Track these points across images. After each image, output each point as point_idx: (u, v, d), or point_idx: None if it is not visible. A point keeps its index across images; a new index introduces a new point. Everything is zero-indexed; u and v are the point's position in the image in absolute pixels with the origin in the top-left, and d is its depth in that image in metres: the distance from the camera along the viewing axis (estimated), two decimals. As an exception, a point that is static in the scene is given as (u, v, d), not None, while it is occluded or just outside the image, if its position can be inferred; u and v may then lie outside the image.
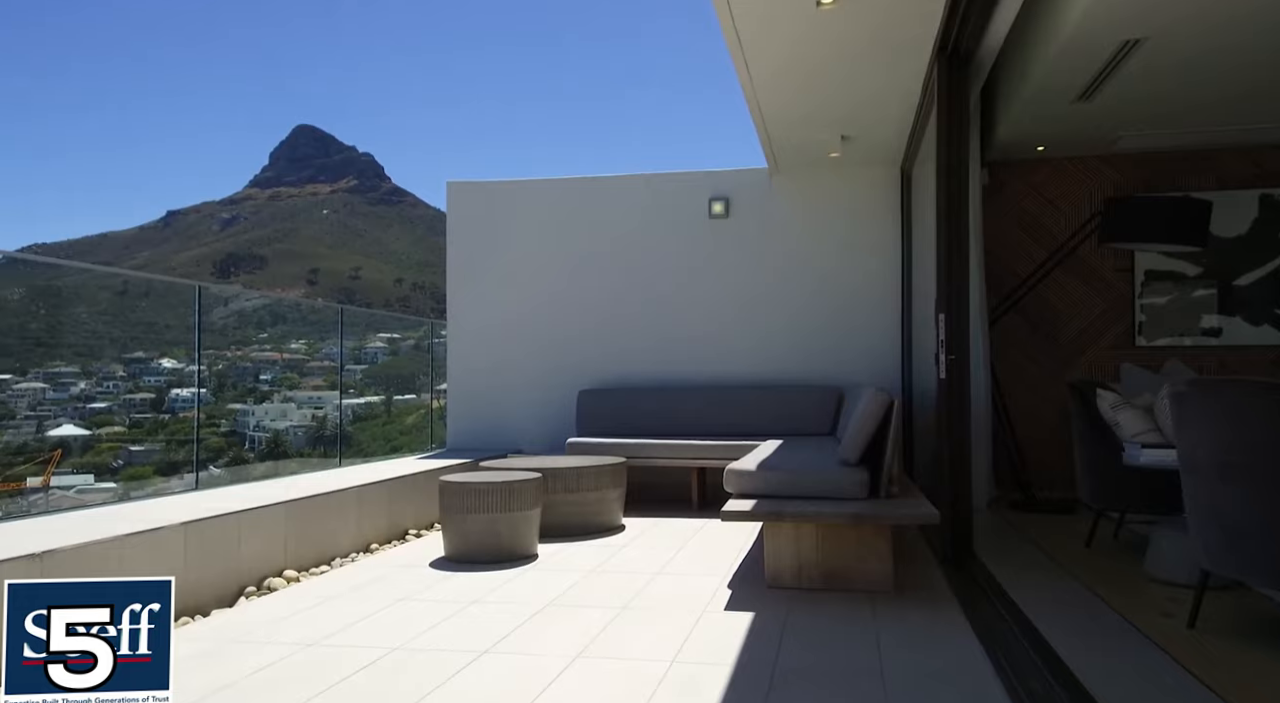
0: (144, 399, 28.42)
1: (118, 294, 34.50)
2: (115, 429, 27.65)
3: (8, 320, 27.41)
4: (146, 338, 33.05)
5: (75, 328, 33.00)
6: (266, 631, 3.24)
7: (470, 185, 7.48)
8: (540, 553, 4.67)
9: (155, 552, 3.37)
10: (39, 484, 20.90)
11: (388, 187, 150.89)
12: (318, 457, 17.83)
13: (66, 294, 31.07)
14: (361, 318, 23.92)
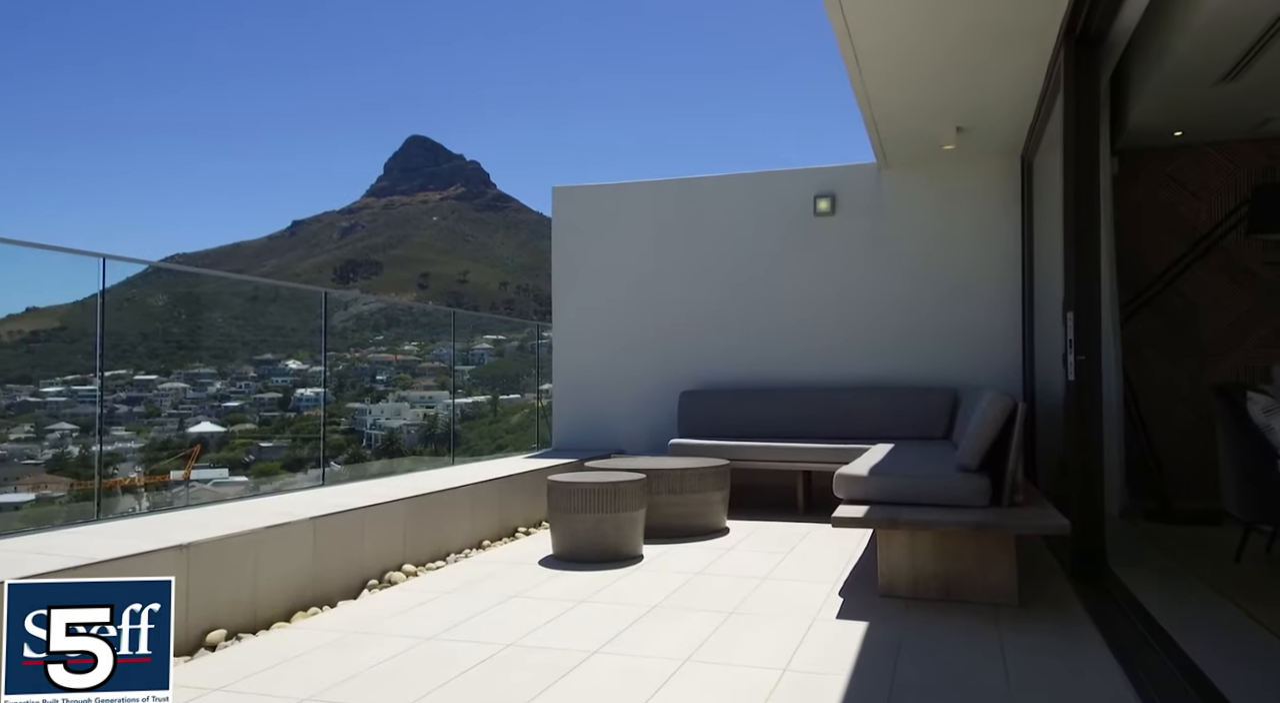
0: (272, 398, 30.33)
1: (249, 300, 36.88)
2: (246, 426, 29.61)
3: (154, 325, 29.72)
4: (274, 341, 35.18)
5: (211, 332, 35.45)
6: (388, 623, 3.38)
7: (574, 190, 7.60)
8: (645, 554, 4.69)
9: (286, 545, 3.57)
10: (181, 477, 22.62)
11: (493, 193, 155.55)
12: (429, 454, 18.50)
13: (204, 300, 33.36)
14: (469, 321, 24.73)
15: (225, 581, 3.23)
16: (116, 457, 20.21)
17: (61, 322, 23.26)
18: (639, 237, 7.32)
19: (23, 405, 21.92)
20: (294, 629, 3.34)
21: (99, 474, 4.18)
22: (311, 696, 2.57)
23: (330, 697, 2.56)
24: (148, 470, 22.01)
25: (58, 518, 13.26)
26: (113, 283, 9.01)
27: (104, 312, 3.88)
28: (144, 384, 26.49)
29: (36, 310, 21.99)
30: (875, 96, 4.92)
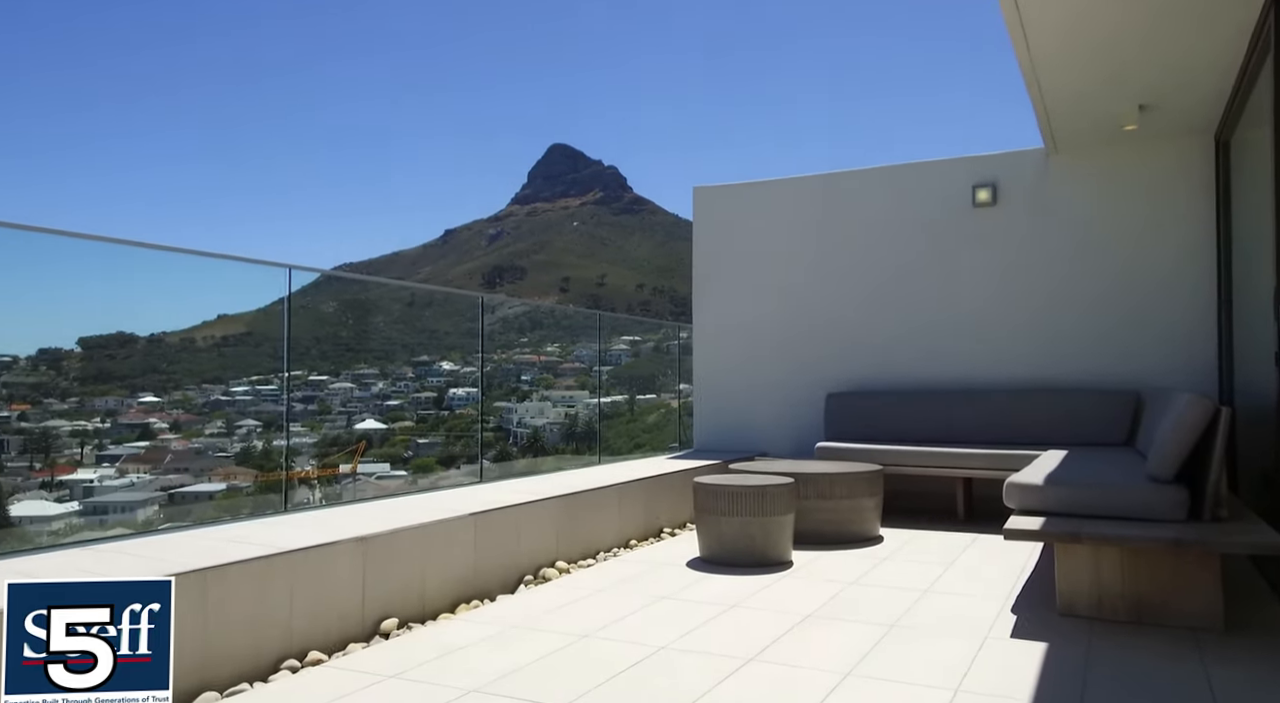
0: (427, 397, 32.15)
1: (407, 305, 39.24)
2: (405, 424, 31.55)
3: (325, 330, 32.14)
4: (430, 343, 37.22)
5: (375, 335, 37.94)
6: (544, 619, 3.45)
7: (715, 189, 7.55)
8: (795, 560, 4.57)
9: (451, 540, 3.73)
10: (349, 471, 24.37)
11: (630, 197, 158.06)
12: (570, 452, 18.95)
13: (368, 306, 35.79)
14: (606, 322, 25.26)
15: (397, 572, 3.41)
16: (293, 451, 21.92)
17: (248, 327, 25.64)
18: (783, 234, 7.17)
19: (215, 404, 24.22)
20: (458, 621, 3.49)
21: (285, 469, 4.51)
22: (475, 688, 2.65)
23: (493, 690, 2.64)
24: (320, 464, 23.82)
25: (244, 506, 14.50)
26: (293, 291, 9.68)
27: (290, 317, 4.20)
28: (316, 384, 28.74)
29: (226, 317, 24.33)
30: (1045, 73, 4.56)
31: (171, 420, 22.82)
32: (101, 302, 14.53)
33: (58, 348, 18.44)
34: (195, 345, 24.76)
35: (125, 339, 21.42)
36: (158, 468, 20.64)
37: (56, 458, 18.40)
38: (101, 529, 15.44)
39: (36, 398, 17.38)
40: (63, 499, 16.71)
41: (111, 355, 21.36)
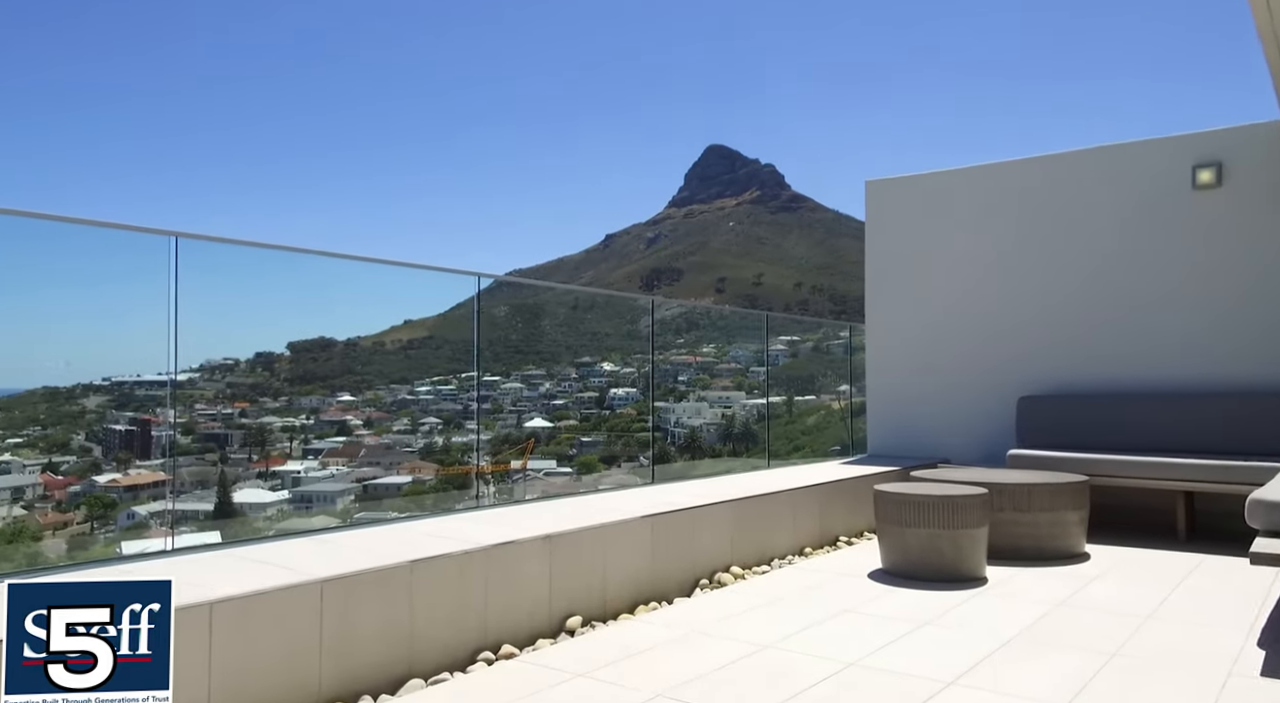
0: (590, 397, 33.15)
1: (571, 309, 40.64)
2: (570, 423, 32.72)
3: (498, 333, 33.86)
4: (591, 345, 38.36)
5: (541, 337, 39.60)
6: (723, 626, 3.40)
7: (889, 182, 7.21)
8: (990, 577, 4.25)
9: (628, 540, 3.76)
10: (519, 467, 25.54)
11: (787, 194, 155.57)
12: (728, 453, 18.82)
13: (535, 310, 37.37)
14: (764, 321, 24.96)
15: (580, 570, 3.48)
16: (470, 447, 23.15)
17: (430, 331, 27.50)
18: (966, 226, 6.73)
19: (402, 402, 26.14)
20: (638, 623, 3.51)
21: (477, 465, 4.73)
22: (660, 692, 2.64)
23: (677, 696, 2.62)
24: (493, 460, 25.13)
25: (429, 498, 15.37)
26: (465, 297, 10.09)
27: (479, 319, 4.41)
28: (490, 384, 30.42)
29: (411, 322, 26.27)
30: (1288, 35, 3.97)
31: (365, 418, 24.83)
32: (307, 309, 16.07)
33: (271, 352, 20.52)
34: (385, 349, 26.86)
35: (326, 343, 23.49)
36: (353, 461, 22.54)
37: (270, 451, 20.46)
38: (307, 516, 17.06)
39: (254, 396, 19.38)
40: (275, 488, 18.57)
41: (314, 358, 23.52)
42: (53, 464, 13.65)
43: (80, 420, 14.13)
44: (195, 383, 14.27)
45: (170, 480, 12.77)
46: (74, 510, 12.93)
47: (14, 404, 14.06)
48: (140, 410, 13.98)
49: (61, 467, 13.67)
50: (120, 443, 13.90)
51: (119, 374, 13.55)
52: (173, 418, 12.05)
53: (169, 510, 12.06)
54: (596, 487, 14.16)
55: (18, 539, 11.39)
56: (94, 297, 10.04)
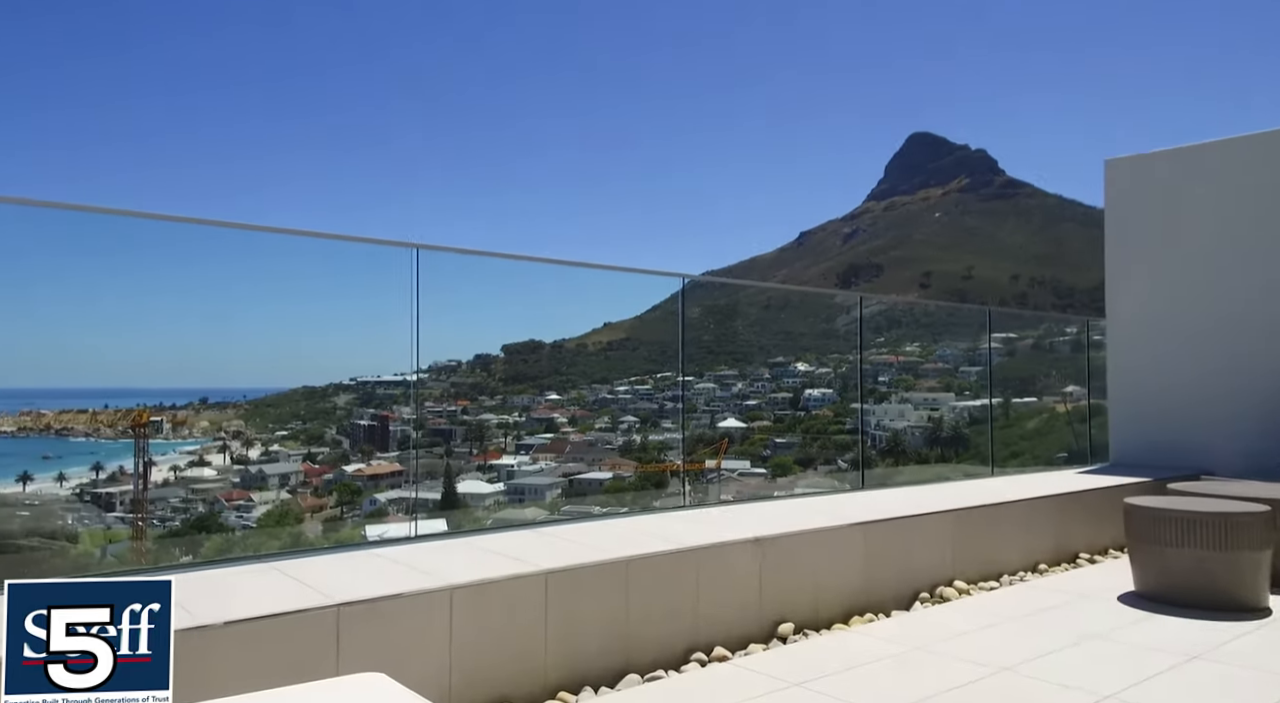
0: (784, 398, 32.61)
1: (763, 308, 40.26)
2: (763, 423, 32.40)
3: (691, 333, 34.31)
4: (785, 345, 37.74)
5: (734, 338, 39.56)
6: (949, 645, 3.16)
7: (1135, 160, 6.41)
8: (1275, 608, 3.63)
9: (840, 547, 3.60)
10: (713, 467, 25.68)
11: (1001, 181, 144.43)
12: (935, 459, 17.73)
13: (728, 311, 37.42)
14: (975, 317, 23.14)
15: (791, 575, 3.38)
16: (665, 446, 23.59)
17: (627, 333, 28.36)
18: (1228, 207, 5.84)
19: (602, 401, 27.17)
20: (854, 634, 3.34)
21: (683, 463, 4.73)
22: (886, 710, 2.49)
23: (906, 716, 2.45)
24: (688, 459, 25.44)
25: (627, 494, 15.79)
26: (660, 299, 10.19)
27: (683, 318, 4.44)
28: (684, 384, 30.87)
29: (611, 325, 27.22)
30: None
31: (570, 416, 26.02)
32: (518, 314, 17.10)
33: (488, 354, 22.05)
34: (587, 350, 28.05)
35: (535, 346, 24.87)
36: (560, 457, 23.75)
37: (488, 445, 21.94)
38: (519, 507, 18.12)
39: (474, 395, 20.89)
40: (492, 481, 19.91)
41: (525, 360, 24.97)
42: (311, 455, 15.56)
43: (332, 416, 16.01)
44: (424, 383, 15.64)
45: (406, 472, 14.12)
46: (327, 496, 14.64)
47: (280, 402, 16.23)
48: (380, 408, 15.59)
49: (318, 457, 15.55)
50: (364, 437, 15.55)
51: (363, 375, 15.20)
52: (413, 415, 13.22)
53: (412, 498, 13.31)
54: (792, 489, 13.84)
55: (284, 520, 13.06)
56: (341, 305, 11.39)
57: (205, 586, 2.49)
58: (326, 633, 2.25)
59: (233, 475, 14.69)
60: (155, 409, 14.29)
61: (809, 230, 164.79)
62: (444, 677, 2.41)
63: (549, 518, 3.64)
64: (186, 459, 15.01)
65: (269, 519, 12.97)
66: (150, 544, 11.25)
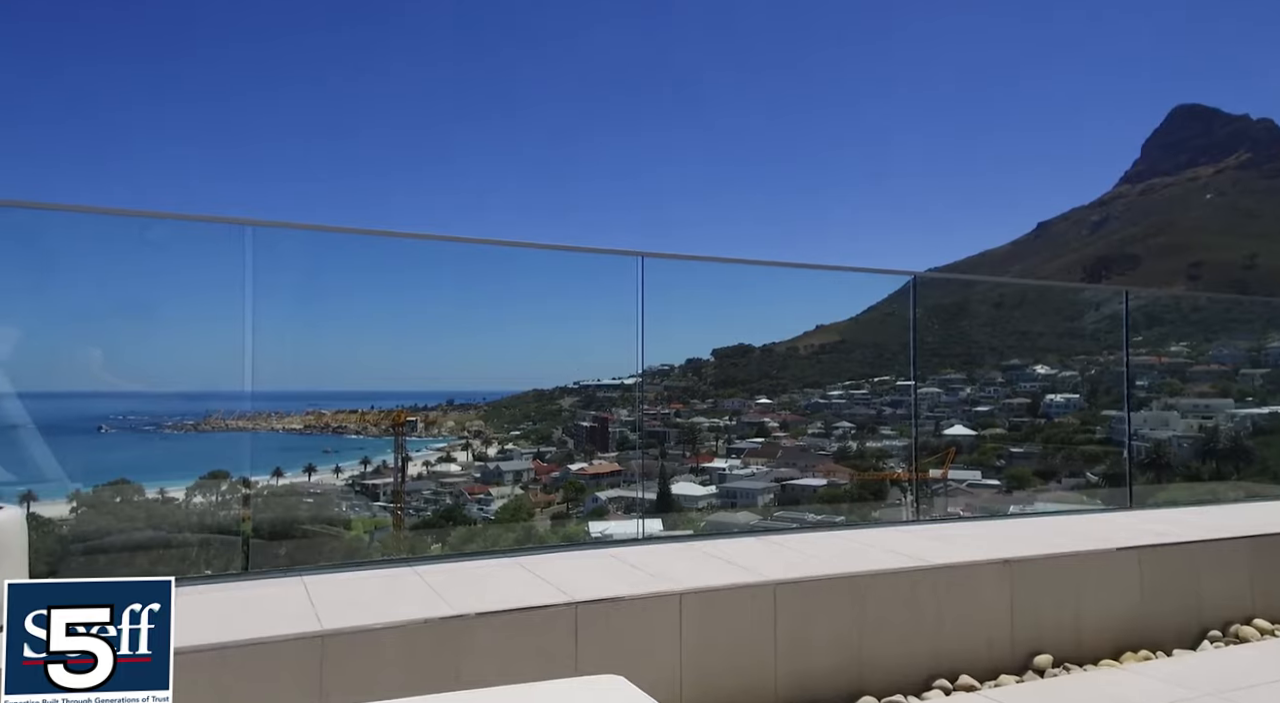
0: (1020, 404, 29.97)
1: (994, 307, 37.36)
2: (996, 431, 29.97)
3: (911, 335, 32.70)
4: (1020, 346, 34.76)
5: (960, 339, 37.10)
6: (1251, 695, 2.67)
7: None
8: None
9: (1108, 574, 3.19)
10: (939, 476, 24.18)
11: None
12: (1209, 474, 15.46)
13: (953, 309, 35.22)
14: (1260, 311, 19.88)
15: (1048, 603, 3.04)
16: (884, 453, 22.54)
17: (840, 336, 27.49)
18: None
19: (814, 406, 26.57)
20: (1127, 673, 2.94)
21: (915, 474, 4.47)
22: (1175, 767, 2.14)
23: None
24: (910, 468, 24.16)
25: (843, 503, 15.24)
26: (876, 300, 9.63)
27: (915, 318, 4.19)
28: (904, 389, 29.37)
29: (823, 327, 26.58)
30: None
31: (780, 420, 25.70)
32: (730, 319, 17.23)
33: (699, 358, 22.38)
34: (798, 353, 27.59)
35: (744, 349, 24.90)
36: (771, 461, 23.54)
37: (699, 448, 22.20)
38: (731, 511, 18.14)
39: (686, 398, 21.26)
40: (705, 483, 20.12)
41: (735, 363, 25.05)
42: (540, 453, 16.63)
43: (558, 417, 17.01)
44: (640, 387, 16.13)
45: (625, 471, 14.63)
46: (555, 492, 15.54)
47: (514, 404, 17.54)
48: (600, 410, 16.32)
49: (546, 455, 16.57)
50: (586, 437, 16.34)
51: (585, 378, 16.00)
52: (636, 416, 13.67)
53: (636, 501, 13.79)
54: (1031, 503, 12.60)
55: (518, 514, 14.03)
56: (566, 311, 12.21)
57: (458, 577, 2.69)
58: (566, 629, 2.33)
59: (474, 471, 16.04)
60: (411, 410, 16.02)
61: (1048, 220, 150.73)
62: (675, 683, 2.41)
63: (765, 524, 3.56)
64: (436, 455, 16.61)
65: (505, 512, 13.99)
66: (407, 532, 12.57)
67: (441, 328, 12.99)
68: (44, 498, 8.38)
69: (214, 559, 5.54)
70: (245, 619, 2.18)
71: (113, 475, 9.00)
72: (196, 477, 9.69)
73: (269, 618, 2.19)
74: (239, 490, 9.81)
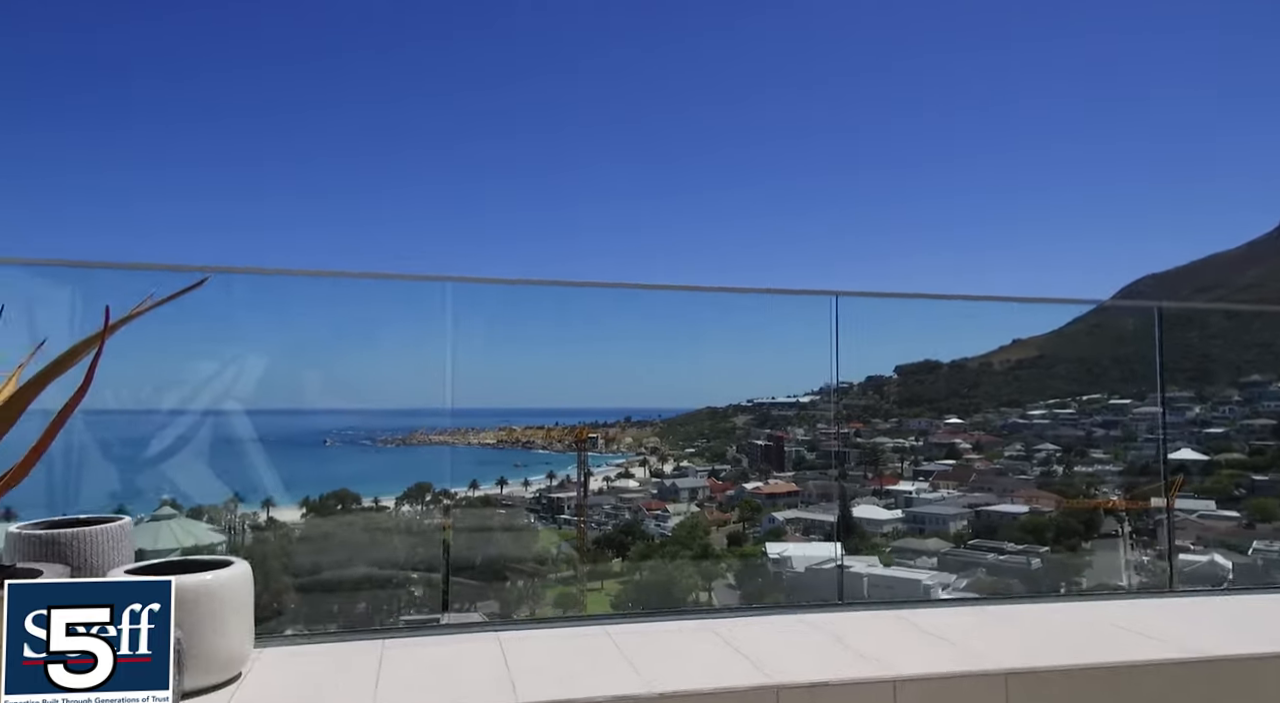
0: (1262, 425, 26.29)
1: (1226, 317, 33.24)
2: (1233, 456, 26.42)
3: (1125, 349, 30.03)
4: (1261, 360, 30.64)
5: (1188, 352, 33.25)
6: None
7: None
8: None
9: None
10: (1163, 506, 21.67)
11: None
12: None
13: (1177, 320, 31.58)
14: None
15: None
16: (1096, 479, 20.70)
17: (1039, 350, 25.57)
18: None
19: (1013, 426, 24.73)
20: None
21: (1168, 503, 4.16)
22: None
23: None
24: (1126, 495, 21.89)
25: (1047, 530, 14.11)
26: (1083, 311, 8.95)
27: (1161, 342, 3.91)
28: (1118, 408, 26.60)
29: (1020, 341, 24.80)
30: None
31: (974, 441, 24.22)
32: (914, 334, 16.64)
33: (880, 375, 21.67)
34: (992, 369, 25.91)
35: (931, 366, 23.79)
36: (964, 485, 22.17)
37: (882, 469, 21.43)
38: (920, 537, 17.34)
39: (866, 418, 20.66)
40: (889, 507, 19.37)
41: (920, 381, 23.98)
42: (715, 471, 16.80)
43: (732, 435, 17.12)
44: (816, 405, 15.90)
45: (802, 492, 14.47)
46: (730, 511, 15.62)
47: (688, 421, 17.88)
48: (775, 428, 16.24)
49: (720, 473, 16.72)
50: (761, 456, 16.31)
51: (759, 396, 16.02)
52: (807, 436, 13.54)
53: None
54: (1279, 541, 10.99)
55: (694, 531, 14.25)
56: (738, 335, 12.41)
57: (650, 641, 2.63)
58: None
59: (651, 487, 16.51)
60: (591, 427, 16.79)
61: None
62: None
63: (974, 595, 3.33)
64: (615, 471, 17.27)
65: (681, 529, 14.26)
66: (590, 545, 13.13)
67: (621, 354, 13.58)
68: (281, 504, 9.57)
69: (416, 591, 6.07)
70: (442, 686, 2.28)
71: (336, 485, 10.20)
72: (404, 487, 10.76)
73: (466, 685, 2.27)
74: (440, 501, 10.72)
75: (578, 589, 11.46)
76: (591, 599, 11.26)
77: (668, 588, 11.22)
